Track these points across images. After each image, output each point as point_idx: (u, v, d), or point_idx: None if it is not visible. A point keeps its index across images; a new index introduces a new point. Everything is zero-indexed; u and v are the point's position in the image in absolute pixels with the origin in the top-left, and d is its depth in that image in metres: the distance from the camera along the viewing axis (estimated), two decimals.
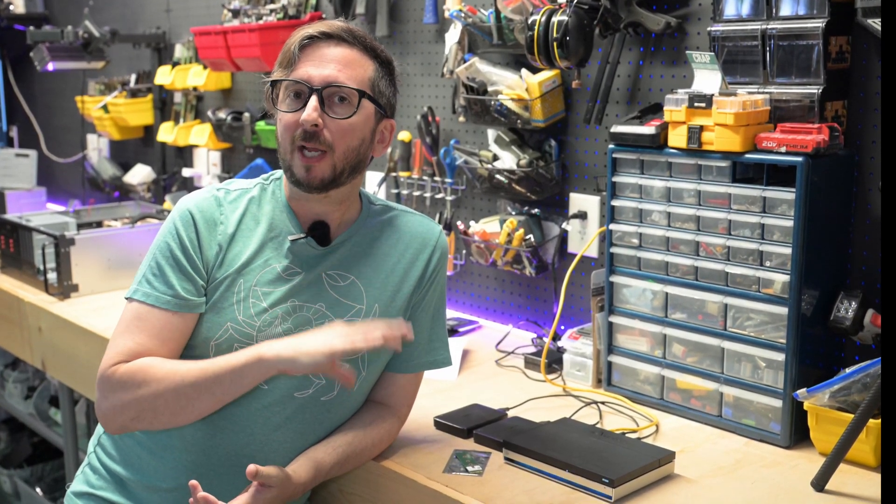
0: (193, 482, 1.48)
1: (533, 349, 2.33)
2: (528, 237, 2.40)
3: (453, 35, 2.52)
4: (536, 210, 2.45)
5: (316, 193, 1.63)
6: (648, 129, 1.91)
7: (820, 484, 1.59)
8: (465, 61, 2.48)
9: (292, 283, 1.64)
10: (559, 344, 2.20)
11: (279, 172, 1.71)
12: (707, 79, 1.86)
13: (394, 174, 2.80)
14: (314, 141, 1.59)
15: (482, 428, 1.82)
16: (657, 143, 1.90)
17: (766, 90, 1.85)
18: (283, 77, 1.62)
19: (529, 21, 2.16)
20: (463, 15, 2.46)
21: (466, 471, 1.68)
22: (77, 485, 1.73)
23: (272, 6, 3.13)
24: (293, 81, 1.60)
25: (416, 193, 2.77)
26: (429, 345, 1.77)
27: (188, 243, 1.62)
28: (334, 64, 1.60)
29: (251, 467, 1.49)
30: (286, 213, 1.68)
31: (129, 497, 1.66)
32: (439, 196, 2.70)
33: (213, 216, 1.65)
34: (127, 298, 1.64)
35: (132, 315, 1.61)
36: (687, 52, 1.89)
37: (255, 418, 1.62)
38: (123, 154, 4.26)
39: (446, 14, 2.51)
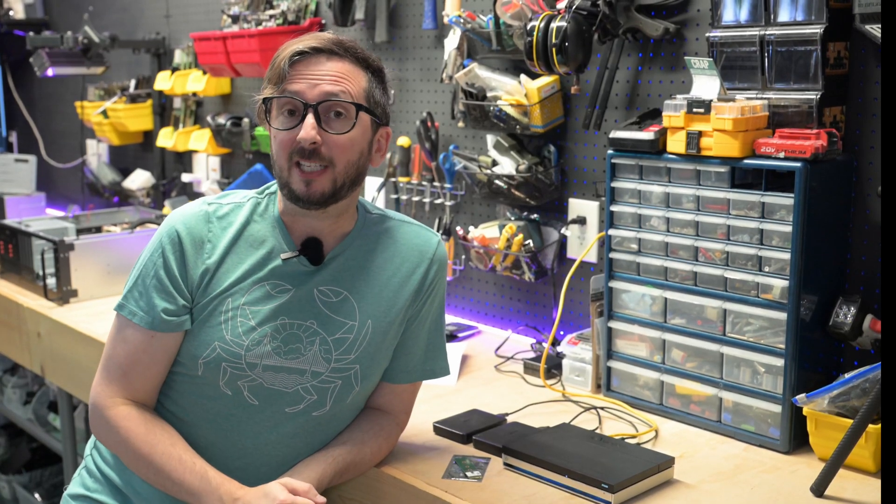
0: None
1: (532, 354, 2.33)
2: (527, 242, 2.40)
3: (452, 41, 2.52)
4: (535, 215, 2.45)
5: (315, 209, 1.59)
6: (647, 134, 1.92)
7: (819, 489, 1.59)
8: (464, 67, 2.48)
9: (281, 300, 1.61)
10: (558, 349, 2.20)
11: (275, 186, 1.67)
12: (706, 84, 1.86)
13: (393, 179, 2.81)
14: (313, 158, 1.55)
15: (481, 433, 1.82)
16: (656, 148, 1.90)
17: (764, 96, 1.85)
18: (275, 94, 1.57)
19: (528, 27, 2.16)
20: (462, 21, 2.46)
21: (466, 476, 1.68)
22: (73, 487, 1.74)
23: (272, 12, 3.13)
24: (287, 98, 1.56)
25: (416, 199, 2.77)
26: (425, 355, 1.75)
27: (173, 264, 1.59)
28: (328, 78, 1.55)
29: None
30: (278, 228, 1.64)
31: (123, 501, 1.66)
32: (438, 201, 2.70)
33: (200, 235, 1.61)
34: (116, 309, 1.65)
35: (118, 332, 1.64)
36: (686, 57, 1.90)
37: (246, 433, 1.61)
38: (123, 159, 4.25)
39: (445, 20, 2.51)
